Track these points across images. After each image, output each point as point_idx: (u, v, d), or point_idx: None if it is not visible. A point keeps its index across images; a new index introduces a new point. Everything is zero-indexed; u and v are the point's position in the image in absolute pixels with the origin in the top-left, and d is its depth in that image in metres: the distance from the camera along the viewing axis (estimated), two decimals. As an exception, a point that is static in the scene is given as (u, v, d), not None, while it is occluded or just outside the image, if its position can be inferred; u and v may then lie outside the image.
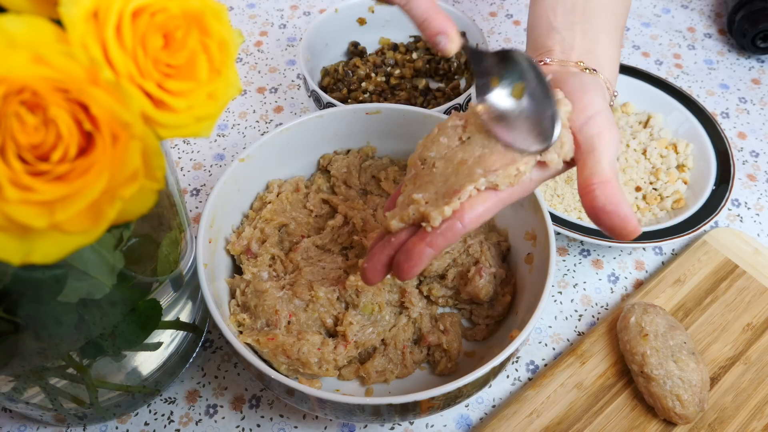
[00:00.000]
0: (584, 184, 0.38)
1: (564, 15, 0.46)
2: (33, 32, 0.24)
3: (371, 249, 0.41)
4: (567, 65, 0.44)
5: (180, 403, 0.52)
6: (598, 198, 0.37)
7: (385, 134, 0.58)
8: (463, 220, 0.38)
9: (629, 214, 0.37)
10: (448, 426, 0.51)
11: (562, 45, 0.45)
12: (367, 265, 0.40)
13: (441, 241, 0.38)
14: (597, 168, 0.37)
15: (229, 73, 0.29)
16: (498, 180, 0.38)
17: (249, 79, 0.78)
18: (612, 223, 0.37)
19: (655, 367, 0.49)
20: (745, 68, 0.80)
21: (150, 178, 0.25)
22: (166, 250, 0.43)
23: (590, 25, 0.45)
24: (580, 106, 0.39)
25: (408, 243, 0.38)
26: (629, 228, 0.37)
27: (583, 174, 0.38)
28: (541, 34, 0.46)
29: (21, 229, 0.24)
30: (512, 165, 0.38)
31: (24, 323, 0.36)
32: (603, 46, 0.45)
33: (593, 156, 0.38)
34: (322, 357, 0.47)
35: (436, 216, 0.37)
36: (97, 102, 0.24)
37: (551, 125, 0.37)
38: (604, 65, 0.44)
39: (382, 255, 0.39)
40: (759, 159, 0.71)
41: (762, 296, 0.57)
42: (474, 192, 0.38)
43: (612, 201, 0.36)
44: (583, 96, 0.40)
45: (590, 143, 0.38)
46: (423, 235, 0.38)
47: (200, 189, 0.67)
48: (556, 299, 0.59)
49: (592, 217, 0.38)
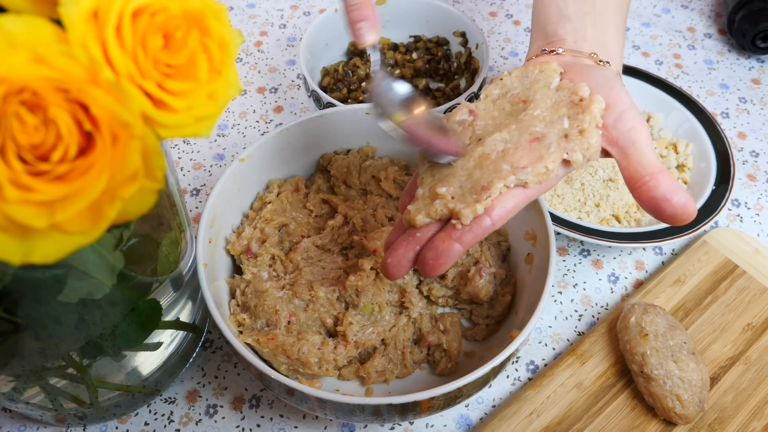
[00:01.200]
0: (635, 177, 0.38)
1: (576, 4, 0.45)
2: (33, 32, 0.24)
3: (391, 243, 0.40)
4: (580, 56, 0.43)
5: (180, 403, 0.52)
6: (657, 189, 0.37)
7: (385, 134, 0.58)
8: (493, 217, 0.37)
9: (687, 198, 0.37)
10: (448, 426, 0.51)
11: (575, 35, 0.44)
12: (390, 260, 0.38)
13: (470, 238, 0.37)
14: (645, 160, 0.37)
15: (229, 73, 0.29)
16: (528, 178, 0.38)
17: (249, 79, 0.78)
18: (674, 211, 0.37)
19: (655, 367, 0.49)
20: (745, 68, 0.80)
21: (150, 178, 0.25)
22: (166, 250, 0.43)
23: (600, 17, 0.45)
24: (610, 102, 0.39)
25: (436, 239, 0.38)
26: (690, 212, 0.37)
27: (630, 168, 0.38)
28: (550, 22, 0.46)
29: (21, 229, 0.24)
30: (540, 162, 0.38)
31: (24, 323, 0.36)
32: (612, 37, 0.45)
33: (636, 149, 0.38)
34: (322, 357, 0.47)
35: (467, 214, 0.37)
36: (97, 102, 0.24)
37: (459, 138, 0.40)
38: (614, 58, 0.44)
39: (407, 250, 0.38)
40: (759, 159, 0.71)
41: (762, 296, 0.57)
42: (504, 189, 0.38)
43: (670, 189, 0.37)
44: (611, 92, 0.40)
45: (629, 137, 0.38)
46: (451, 232, 0.37)
47: (200, 189, 0.67)
48: (556, 299, 0.59)
49: (651, 207, 0.37)
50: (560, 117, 0.40)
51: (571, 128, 0.39)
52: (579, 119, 0.39)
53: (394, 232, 0.41)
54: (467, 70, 0.73)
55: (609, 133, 0.39)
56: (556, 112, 0.40)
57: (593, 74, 0.41)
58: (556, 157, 0.38)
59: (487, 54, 0.67)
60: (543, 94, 0.41)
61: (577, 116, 0.39)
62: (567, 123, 0.39)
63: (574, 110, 0.39)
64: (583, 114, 0.39)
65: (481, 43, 0.69)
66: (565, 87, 0.41)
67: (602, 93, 0.40)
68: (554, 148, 0.38)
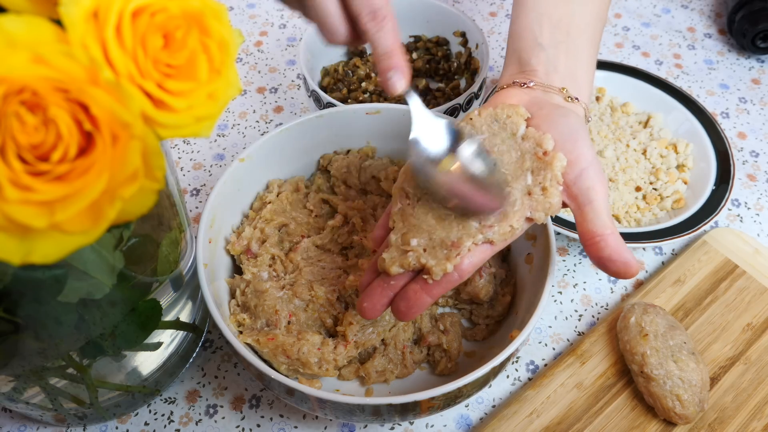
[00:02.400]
0: (588, 236, 0.40)
1: (550, 31, 0.46)
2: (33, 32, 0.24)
3: (368, 285, 0.43)
4: (550, 91, 0.45)
5: (180, 403, 0.52)
6: (604, 250, 0.39)
7: (385, 134, 0.58)
8: (461, 271, 0.40)
9: (631, 258, 0.39)
10: (448, 426, 0.51)
11: (547, 66, 0.45)
12: (367, 304, 0.42)
13: (438, 291, 0.41)
14: (597, 221, 0.39)
15: (229, 73, 0.29)
16: (494, 237, 0.40)
17: (249, 79, 0.78)
18: (617, 269, 0.39)
19: (655, 367, 0.49)
20: (745, 68, 0.80)
21: (150, 178, 0.25)
22: (166, 250, 0.43)
23: (574, 45, 0.46)
24: (572, 158, 0.41)
25: (408, 291, 0.41)
26: (632, 271, 0.39)
27: (583, 226, 0.40)
28: (525, 48, 0.47)
29: (21, 229, 0.24)
30: (506, 221, 0.40)
31: (24, 323, 0.36)
32: (583, 68, 0.46)
33: (592, 208, 0.40)
34: (322, 357, 0.47)
35: (438, 271, 0.40)
36: (97, 102, 0.24)
37: (501, 191, 0.40)
38: (583, 90, 0.46)
39: (382, 296, 0.42)
40: (759, 159, 0.71)
41: (762, 296, 0.57)
42: (472, 246, 0.40)
43: (616, 251, 0.39)
44: (574, 146, 0.41)
45: (586, 196, 0.40)
46: (423, 285, 0.41)
47: (200, 189, 0.67)
48: (556, 299, 0.59)
49: (598, 265, 0.40)
50: (524, 171, 0.41)
51: (534, 185, 0.41)
52: (542, 176, 0.41)
53: (369, 273, 0.44)
54: (467, 70, 0.73)
55: (569, 189, 0.41)
56: (521, 166, 0.42)
57: (559, 123, 0.42)
58: (520, 215, 0.40)
59: (487, 54, 0.67)
60: (508, 146, 0.42)
61: (540, 172, 0.41)
62: (530, 179, 0.41)
63: (538, 165, 0.41)
64: (545, 171, 0.40)
65: (481, 43, 0.69)
66: (531, 136, 0.42)
67: (566, 146, 0.41)
68: (518, 206, 0.40)
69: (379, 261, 0.42)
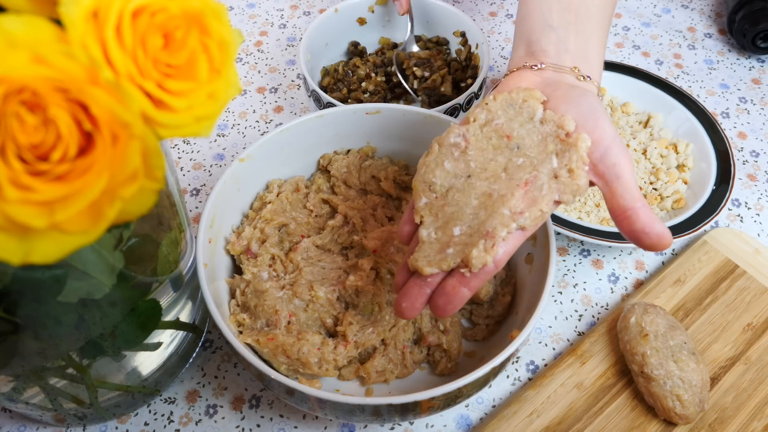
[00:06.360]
0: (619, 211, 0.40)
1: (560, 13, 0.46)
2: (33, 32, 0.24)
3: (401, 284, 0.43)
4: (562, 71, 0.44)
5: (180, 403, 0.52)
6: (636, 222, 0.39)
7: (385, 134, 0.58)
8: (497, 261, 0.40)
9: (664, 230, 0.39)
10: (448, 426, 0.51)
11: (557, 46, 0.45)
12: (405, 304, 0.42)
13: (477, 283, 0.41)
14: (627, 195, 0.40)
15: (229, 73, 0.29)
16: (526, 223, 0.40)
17: (249, 79, 0.78)
18: (651, 242, 0.39)
19: (655, 367, 0.49)
20: (745, 68, 0.80)
21: (150, 178, 0.25)
22: (166, 250, 0.43)
23: (584, 27, 0.46)
24: (595, 137, 0.41)
25: (446, 286, 0.41)
26: (665, 243, 0.39)
27: (613, 201, 0.40)
28: (534, 29, 0.46)
29: (21, 229, 0.24)
30: (535, 206, 0.40)
31: (24, 323, 0.36)
32: (594, 48, 0.46)
33: (620, 183, 0.40)
34: (322, 357, 0.47)
35: (477, 264, 0.40)
36: (97, 102, 0.24)
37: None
38: (594, 70, 0.45)
39: (420, 295, 0.42)
40: (759, 159, 0.71)
41: (762, 296, 0.57)
42: (506, 236, 0.40)
43: (648, 223, 0.39)
44: (596, 125, 0.41)
45: (614, 172, 0.40)
46: (461, 279, 0.40)
47: (200, 189, 0.67)
48: (556, 299, 0.59)
49: (631, 239, 0.40)
50: (548, 155, 0.41)
51: (560, 168, 0.41)
52: (567, 158, 0.40)
53: (402, 273, 0.43)
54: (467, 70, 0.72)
55: (596, 168, 0.41)
56: (544, 149, 0.41)
57: (577, 102, 0.42)
58: (548, 199, 0.40)
59: (488, 54, 0.67)
60: (528, 130, 0.42)
61: (564, 154, 0.41)
62: (555, 162, 0.41)
63: (561, 147, 0.41)
64: (570, 152, 0.40)
65: (481, 42, 0.69)
66: (550, 119, 0.42)
67: (587, 126, 0.41)
68: (546, 190, 0.40)
69: (411, 261, 0.42)
